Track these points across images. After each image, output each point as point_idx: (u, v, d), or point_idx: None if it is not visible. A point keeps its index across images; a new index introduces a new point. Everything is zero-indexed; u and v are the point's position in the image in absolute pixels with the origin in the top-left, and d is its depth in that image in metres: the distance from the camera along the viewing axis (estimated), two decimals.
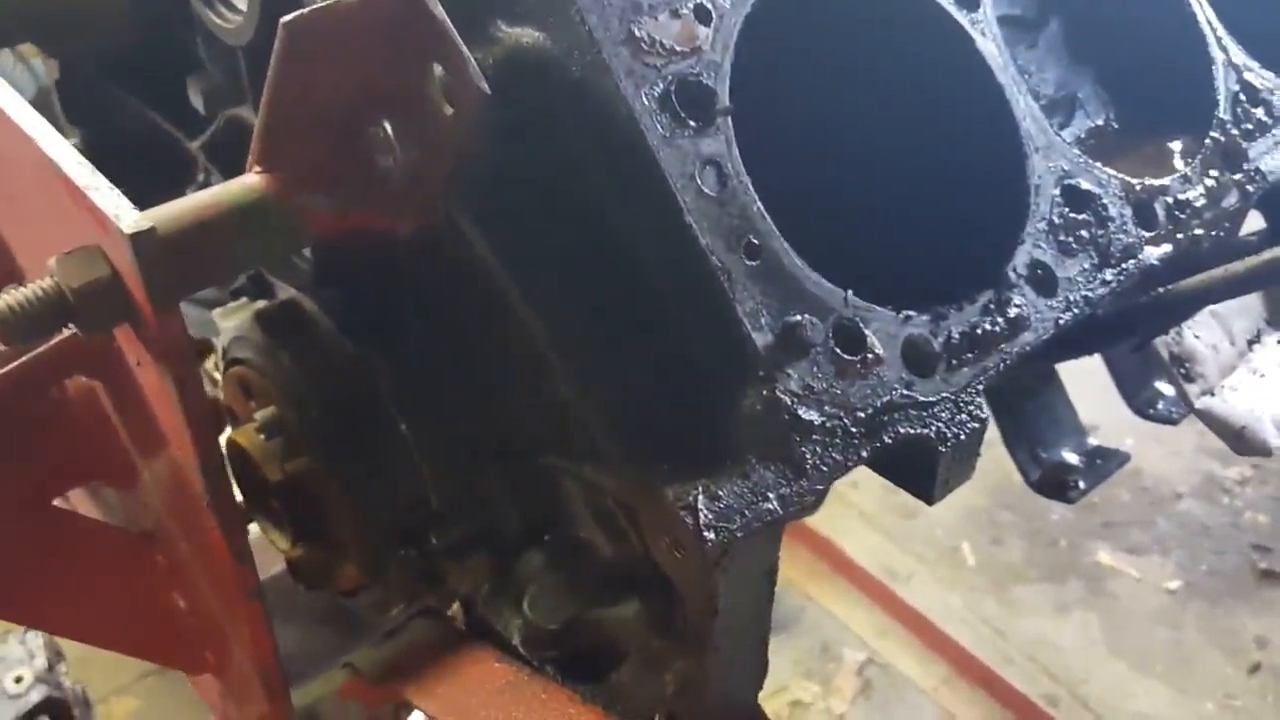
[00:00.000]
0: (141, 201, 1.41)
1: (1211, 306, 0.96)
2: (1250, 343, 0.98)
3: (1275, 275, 0.82)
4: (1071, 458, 1.21)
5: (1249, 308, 1.00)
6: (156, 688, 3.22)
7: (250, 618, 0.78)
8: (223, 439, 1.09)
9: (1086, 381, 1.31)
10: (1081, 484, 1.19)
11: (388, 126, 0.65)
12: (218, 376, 1.16)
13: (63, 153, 0.64)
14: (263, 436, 0.99)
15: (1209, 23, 1.00)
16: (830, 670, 3.75)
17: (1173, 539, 4.14)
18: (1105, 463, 1.21)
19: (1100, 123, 1.03)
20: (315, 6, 0.57)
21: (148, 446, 0.78)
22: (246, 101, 0.91)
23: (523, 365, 0.78)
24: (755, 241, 0.70)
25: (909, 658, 3.61)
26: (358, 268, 0.90)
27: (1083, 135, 1.01)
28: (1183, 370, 0.92)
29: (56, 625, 0.90)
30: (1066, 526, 4.24)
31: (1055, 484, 1.21)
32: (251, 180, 0.66)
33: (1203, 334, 0.95)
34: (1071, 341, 0.87)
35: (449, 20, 0.59)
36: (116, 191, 0.61)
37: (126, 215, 0.58)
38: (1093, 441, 1.24)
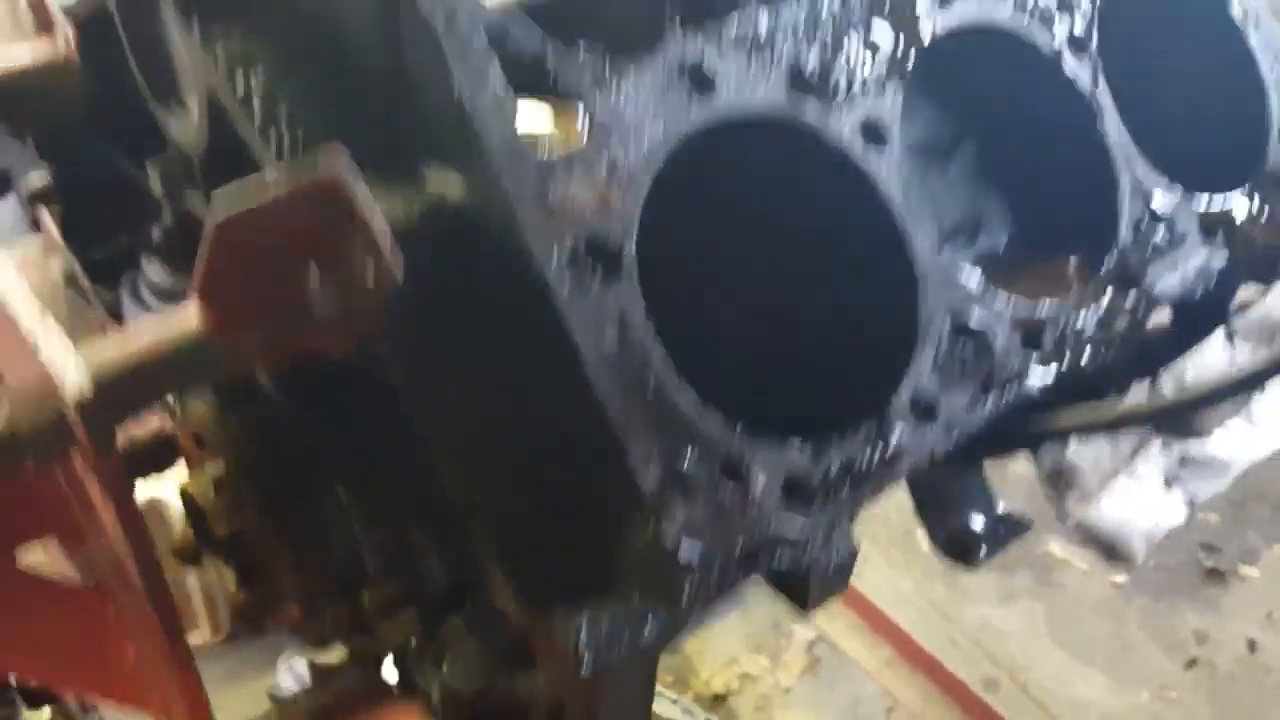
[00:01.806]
0: (109, 232, 1.46)
1: None
2: (1134, 451, 1.06)
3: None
4: (977, 525, 1.29)
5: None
6: None
7: (184, 683, 0.86)
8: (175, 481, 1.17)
9: None
10: (984, 551, 1.27)
11: (317, 273, 0.71)
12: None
13: (15, 293, 0.70)
14: (212, 491, 1.07)
15: (1119, 143, 1.06)
16: (780, 646, 3.89)
17: None
18: (1009, 531, 1.29)
19: (1004, 242, 1.09)
20: (244, 209, 0.63)
21: (92, 527, 0.85)
22: (200, 192, 0.97)
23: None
24: (652, 389, 0.77)
25: (855, 639, 3.74)
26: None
27: (985, 255, 1.07)
28: (1063, 481, 1.00)
29: (14, 668, 0.98)
30: None
31: (959, 549, 1.29)
32: (189, 317, 0.72)
33: (1087, 444, 1.02)
34: (957, 456, 0.94)
35: (368, 213, 0.65)
36: (64, 341, 0.68)
37: (72, 376, 0.64)
38: (1000, 508, 1.32)
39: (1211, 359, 1.14)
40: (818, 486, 0.83)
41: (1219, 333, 1.16)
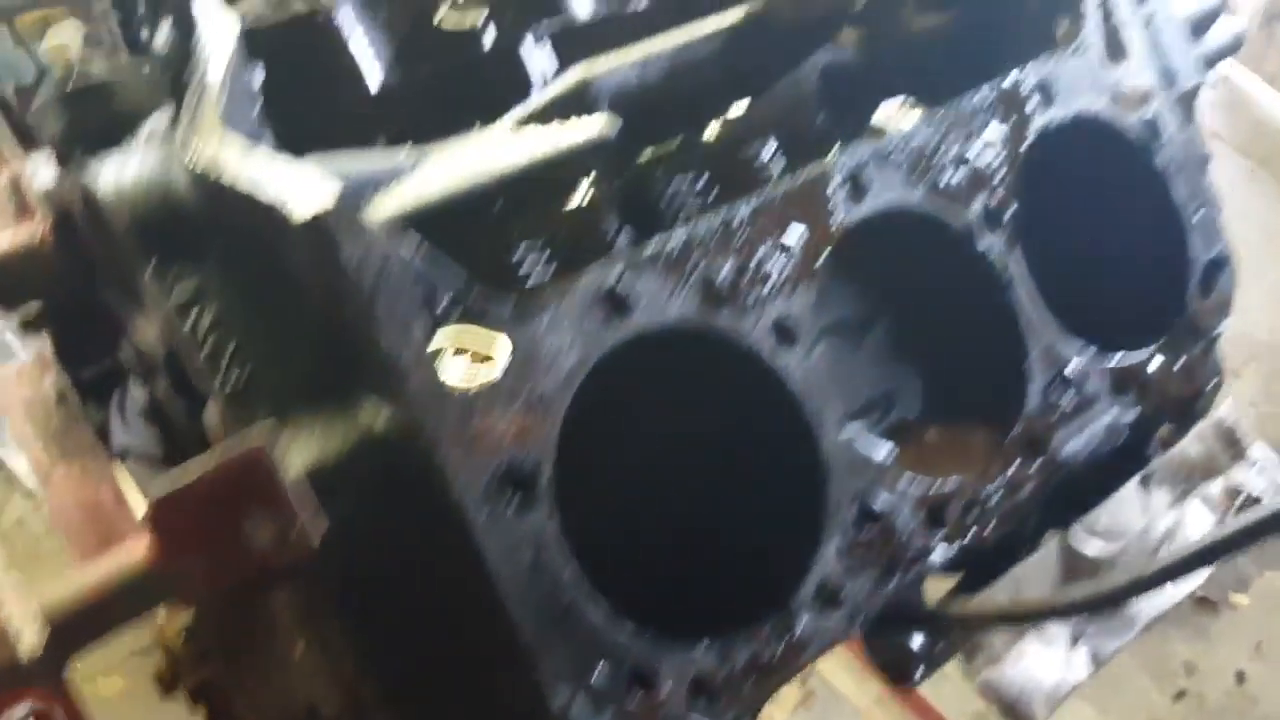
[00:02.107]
0: (98, 355, 1.51)
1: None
2: None
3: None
4: (915, 644, 1.36)
5: (1046, 568, 1.14)
6: (141, 667, 3.43)
7: None
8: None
9: None
10: (921, 672, 1.34)
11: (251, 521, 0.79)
12: None
13: None
14: (182, 640, 1.15)
15: (1030, 311, 1.12)
16: None
17: None
18: (946, 650, 1.35)
19: (916, 415, 1.15)
20: (177, 488, 0.71)
21: None
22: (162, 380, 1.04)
23: None
24: (564, 607, 0.84)
25: (846, 675, 3.79)
26: None
27: (897, 428, 1.13)
28: (972, 641, 1.06)
29: None
30: None
31: (897, 667, 1.36)
32: (134, 553, 0.79)
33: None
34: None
35: (286, 486, 0.73)
36: (22, 601, 0.75)
37: (27, 636, 0.72)
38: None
39: (1126, 506, 1.20)
40: (723, 685, 0.90)
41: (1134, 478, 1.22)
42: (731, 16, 1.25)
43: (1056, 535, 1.15)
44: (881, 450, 1.07)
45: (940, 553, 1.03)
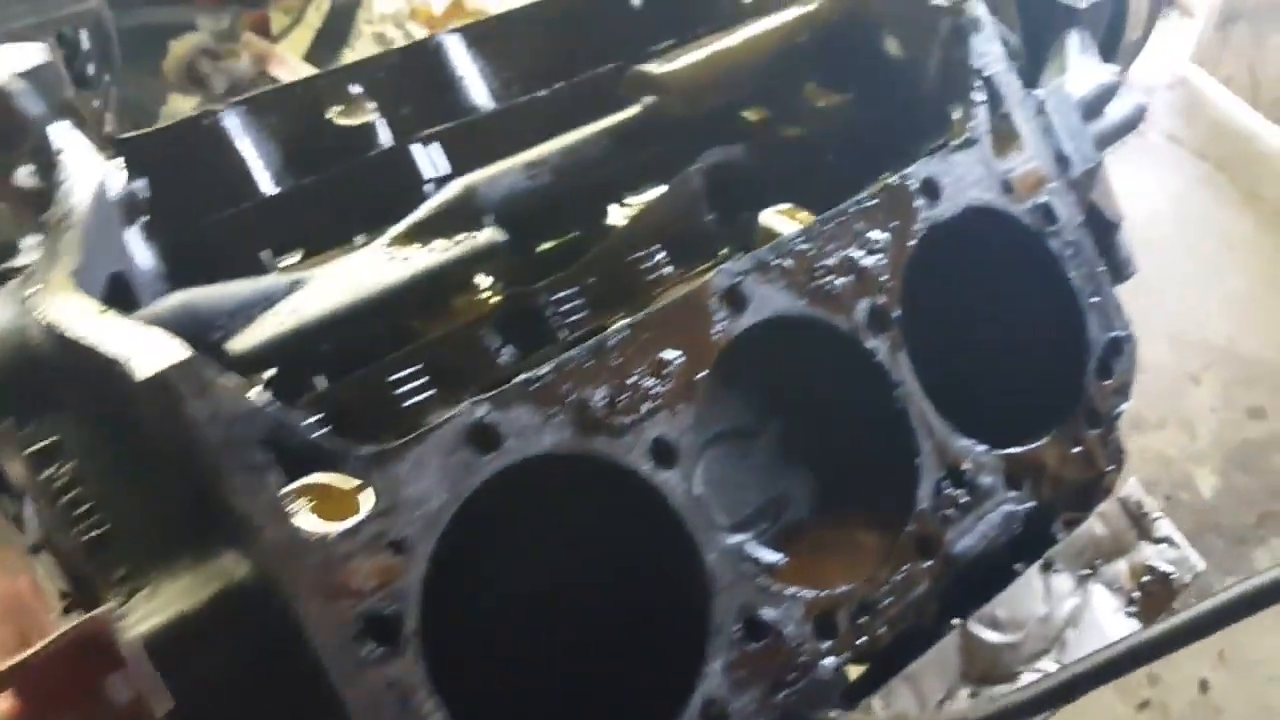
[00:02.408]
0: None
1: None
2: (941, 701, 1.12)
3: None
4: None
5: (945, 663, 1.14)
6: None
7: None
8: None
9: None
10: None
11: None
12: None
13: None
14: None
15: (920, 411, 1.12)
16: None
17: None
18: None
19: (808, 517, 1.16)
20: (27, 659, 0.71)
21: None
22: None
23: None
24: None
25: None
26: None
27: (788, 534, 1.14)
28: None
29: None
30: None
31: None
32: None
33: (889, 698, 1.09)
34: None
35: (129, 661, 0.72)
36: None
37: None
38: None
39: (1027, 593, 1.20)
40: None
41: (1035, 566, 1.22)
42: (623, 114, 1.25)
43: (957, 625, 1.15)
44: (770, 558, 1.08)
45: (829, 665, 1.03)
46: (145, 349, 0.79)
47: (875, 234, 1.14)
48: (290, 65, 4.77)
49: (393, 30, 4.98)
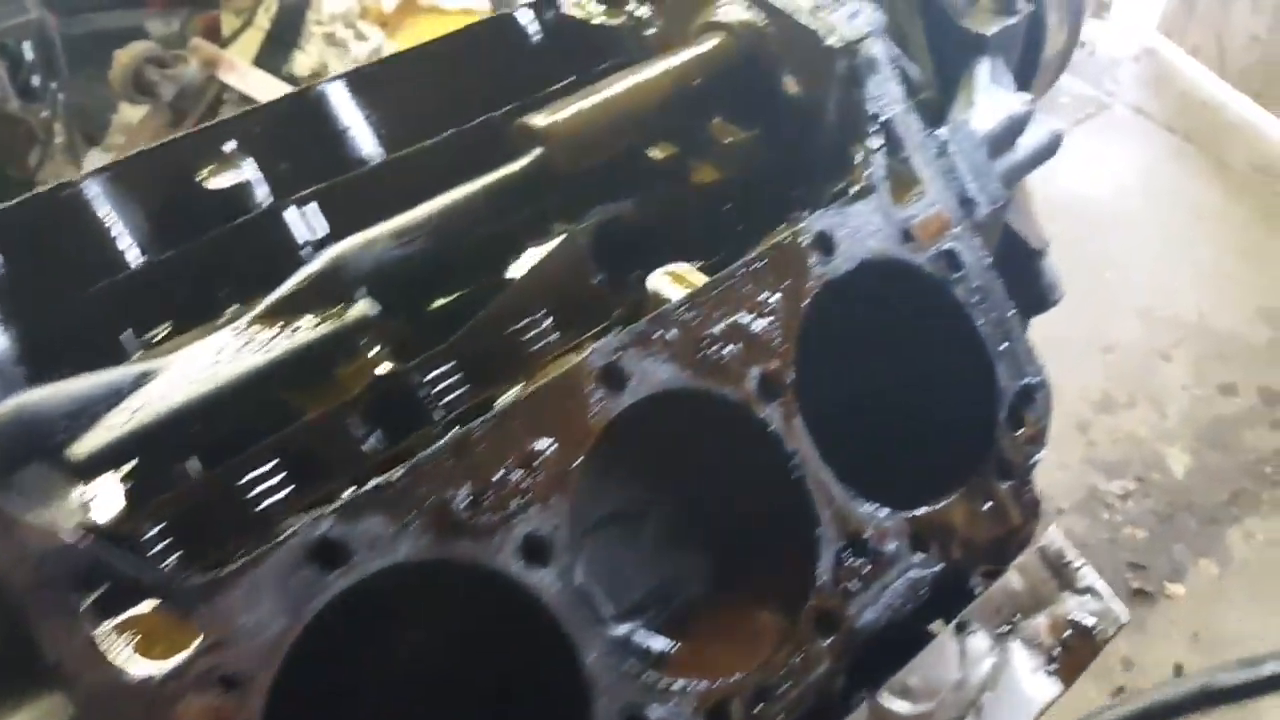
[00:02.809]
0: None
1: None
2: None
3: None
4: None
5: None
6: None
7: None
8: None
9: None
10: None
11: None
12: None
13: None
14: None
15: (817, 479, 1.07)
16: None
17: None
18: None
19: (701, 599, 1.11)
20: None
21: None
22: None
23: None
24: None
25: None
26: None
27: (680, 617, 1.09)
28: None
29: None
30: None
31: None
32: None
33: None
34: None
35: None
36: None
37: None
38: None
39: (940, 657, 1.16)
40: None
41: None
42: (508, 169, 1.20)
43: (866, 698, 1.11)
44: (659, 647, 1.03)
45: None
46: None
47: (766, 296, 1.08)
48: (240, 70, 4.69)
49: (343, 30, 4.89)
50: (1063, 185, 5.28)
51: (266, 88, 4.47)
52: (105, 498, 0.95)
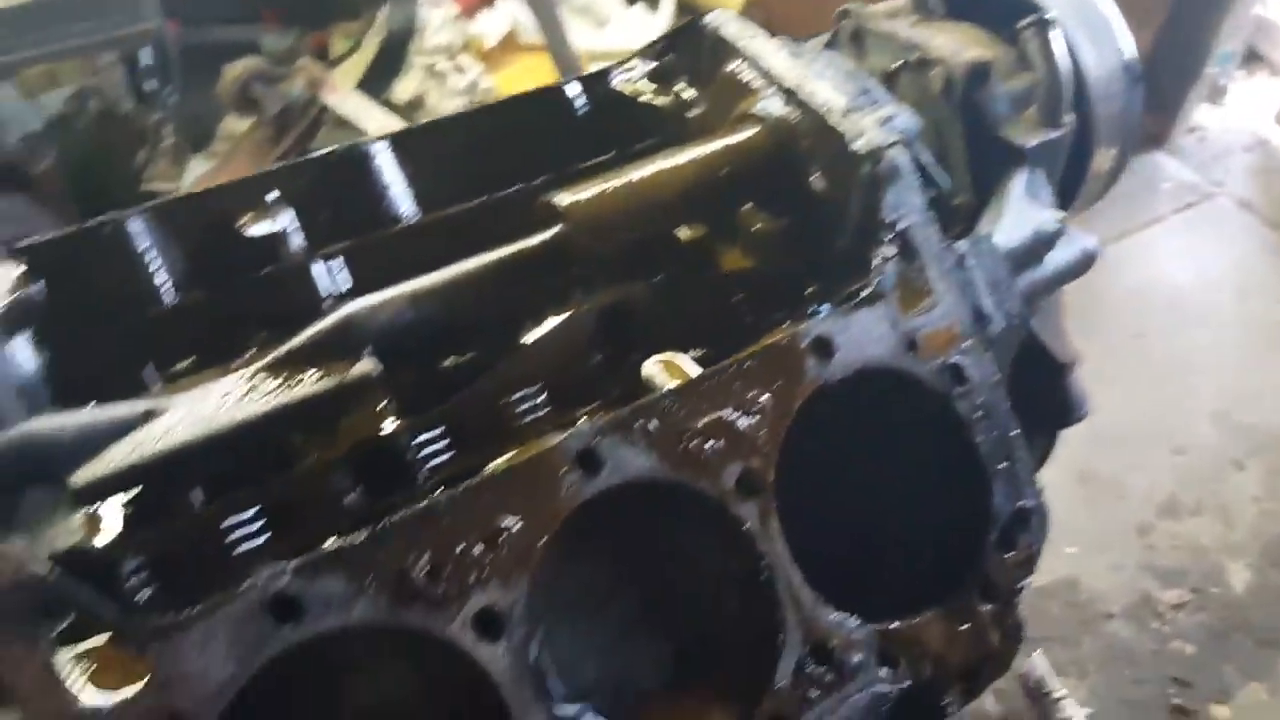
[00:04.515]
0: None
1: None
2: None
3: None
4: None
5: None
6: None
7: None
8: None
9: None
10: None
11: None
12: None
13: None
14: None
15: (787, 582, 1.08)
16: None
17: (1093, 661, 4.16)
18: None
19: (656, 689, 1.12)
20: None
21: None
22: None
23: None
24: None
25: None
26: None
27: (635, 704, 1.10)
28: None
29: None
30: None
31: None
32: None
33: None
34: None
35: None
36: None
37: None
38: None
39: None
40: None
41: None
42: (526, 242, 1.23)
43: None
44: None
45: None
46: None
47: (755, 394, 1.10)
48: (341, 93, 4.86)
49: (444, 63, 5.03)
50: (1151, 274, 5.17)
51: (364, 112, 4.63)
52: (100, 526, 1.01)
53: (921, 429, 1.21)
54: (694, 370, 1.13)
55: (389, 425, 1.09)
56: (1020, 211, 1.33)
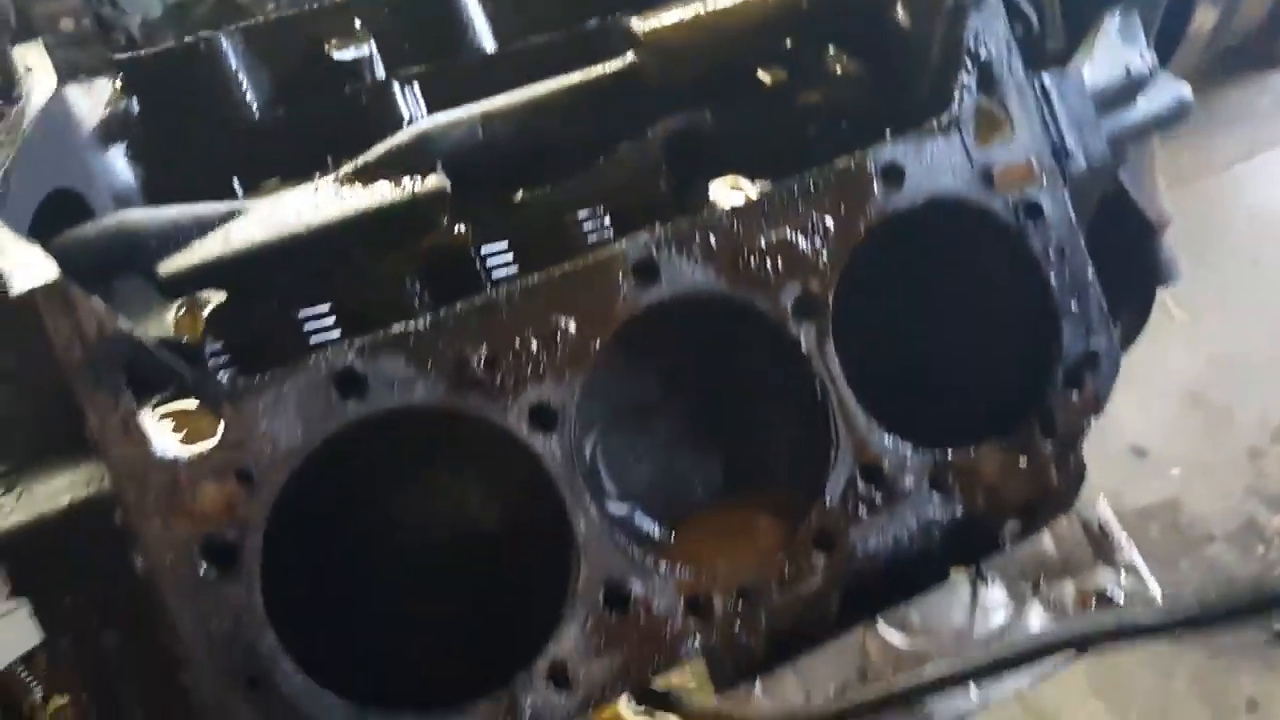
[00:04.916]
0: None
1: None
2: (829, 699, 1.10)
3: None
4: None
5: (842, 660, 1.12)
6: None
7: None
8: None
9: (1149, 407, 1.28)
10: None
11: None
12: None
13: None
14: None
15: (839, 401, 1.08)
16: None
17: (1190, 584, 4.06)
18: None
19: (705, 499, 1.14)
20: None
21: None
22: None
23: None
24: (257, 675, 0.88)
25: None
26: None
27: (684, 510, 1.12)
28: None
29: None
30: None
31: None
32: None
33: (771, 686, 1.08)
34: None
35: None
36: None
37: None
38: None
39: (948, 600, 1.16)
40: None
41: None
42: (598, 70, 1.24)
43: (863, 625, 1.12)
44: (653, 532, 1.07)
45: (699, 643, 1.02)
46: (19, 268, 0.85)
47: (819, 218, 1.09)
48: None
49: None
50: (1273, 196, 4.93)
51: None
52: (188, 322, 1.07)
53: (992, 263, 1.19)
54: (758, 193, 1.12)
55: (457, 237, 1.12)
56: (1112, 50, 1.28)
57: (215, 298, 1.04)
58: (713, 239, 1.06)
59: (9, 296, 0.84)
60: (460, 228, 1.13)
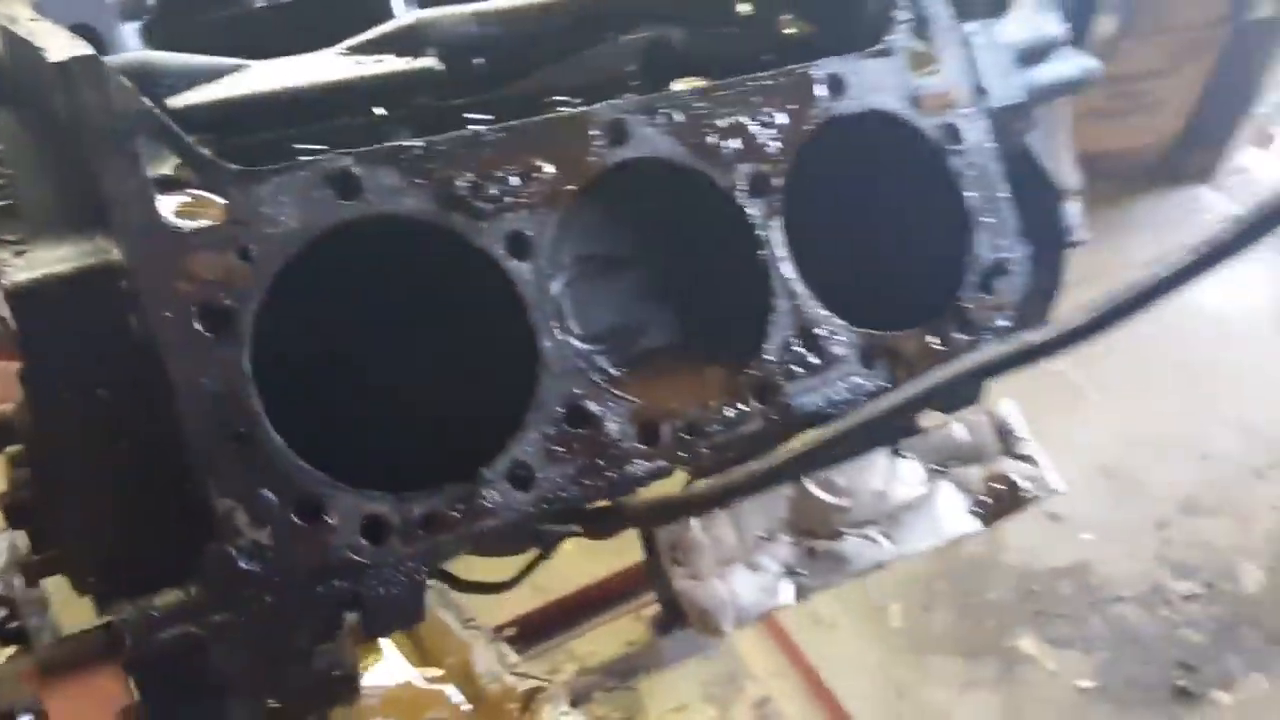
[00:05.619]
0: None
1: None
2: (760, 539, 1.19)
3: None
4: None
5: (770, 507, 1.21)
6: None
7: None
8: None
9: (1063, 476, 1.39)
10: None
11: None
12: None
13: None
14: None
15: (781, 274, 1.21)
16: (730, 699, 3.99)
17: (1101, 640, 4.20)
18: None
19: (659, 348, 1.25)
20: None
21: None
22: None
23: None
24: (240, 433, 0.96)
25: (796, 702, 3.82)
26: None
27: (639, 358, 1.23)
28: (675, 556, 1.14)
29: None
30: (999, 608, 4.35)
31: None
32: None
33: (709, 525, 1.17)
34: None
35: None
36: None
37: None
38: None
39: (870, 468, 1.26)
40: (397, 529, 1.01)
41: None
42: None
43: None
44: (610, 369, 1.17)
45: (645, 467, 1.12)
46: (61, 44, 0.95)
47: (771, 111, 1.23)
48: None
49: None
50: (1198, 297, 5.25)
51: None
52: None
53: (919, 177, 1.34)
54: None
55: (442, 104, 1.23)
56: (1028, 13, 1.46)
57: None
58: (675, 114, 1.19)
59: (47, 64, 0.94)
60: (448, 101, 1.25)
